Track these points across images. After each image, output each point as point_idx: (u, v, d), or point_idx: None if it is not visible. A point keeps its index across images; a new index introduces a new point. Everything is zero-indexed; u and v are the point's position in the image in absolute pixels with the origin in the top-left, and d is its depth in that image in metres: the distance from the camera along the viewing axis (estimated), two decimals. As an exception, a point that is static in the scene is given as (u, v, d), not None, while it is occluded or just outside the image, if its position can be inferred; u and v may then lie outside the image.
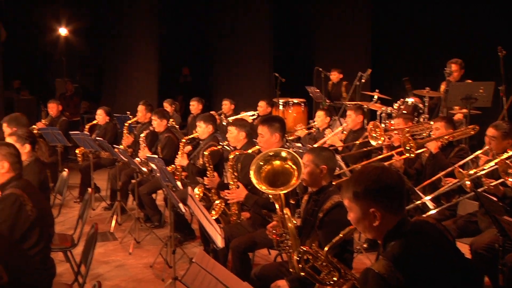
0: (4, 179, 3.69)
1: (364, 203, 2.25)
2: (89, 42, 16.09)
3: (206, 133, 6.17)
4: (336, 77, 10.45)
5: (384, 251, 2.25)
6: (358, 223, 2.31)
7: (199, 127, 6.20)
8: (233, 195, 4.62)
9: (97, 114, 8.32)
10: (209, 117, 6.26)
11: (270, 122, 4.59)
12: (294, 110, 10.91)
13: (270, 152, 3.60)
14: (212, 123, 6.18)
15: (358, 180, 2.28)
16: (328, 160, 3.58)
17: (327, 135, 7.01)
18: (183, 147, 6.35)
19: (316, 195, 3.59)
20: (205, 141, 6.17)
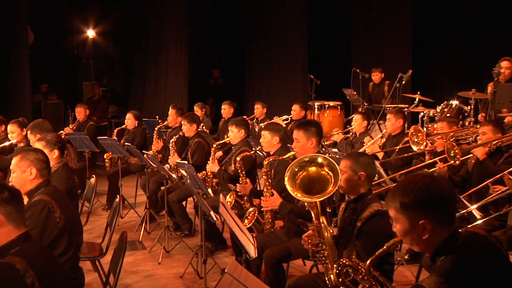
0: (33, 186, 3.76)
1: (413, 215, 2.22)
2: (117, 44, 16.37)
3: (238, 138, 6.21)
4: (378, 77, 10.31)
5: (432, 265, 2.22)
6: (405, 235, 2.28)
7: (231, 132, 6.25)
8: (266, 203, 4.64)
9: (126, 118, 8.46)
10: (241, 122, 6.30)
11: (306, 126, 4.60)
12: (330, 114, 10.86)
13: (305, 158, 3.60)
14: (244, 127, 6.22)
15: (407, 190, 2.24)
16: (366, 167, 3.57)
17: (366, 141, 6.96)
18: (214, 152, 6.41)
19: (354, 203, 3.58)
20: (237, 146, 6.20)
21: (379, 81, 10.30)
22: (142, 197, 8.07)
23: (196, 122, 7.01)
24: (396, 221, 2.29)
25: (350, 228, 3.52)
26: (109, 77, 16.95)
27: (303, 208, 4.28)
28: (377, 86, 10.37)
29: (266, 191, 4.68)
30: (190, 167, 5.23)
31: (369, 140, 6.97)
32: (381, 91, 10.32)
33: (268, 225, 4.76)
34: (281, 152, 5.16)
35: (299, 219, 4.45)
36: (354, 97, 10.42)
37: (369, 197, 3.54)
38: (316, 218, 3.47)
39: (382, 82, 10.31)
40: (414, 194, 2.21)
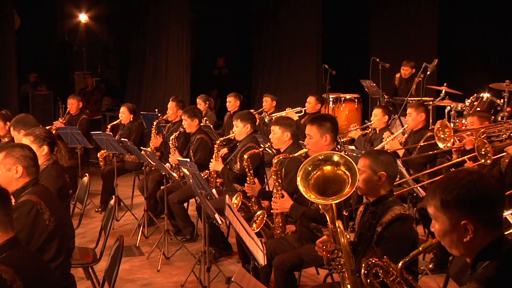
0: (19, 185, 3.76)
1: (454, 214, 2.20)
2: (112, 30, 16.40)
3: (243, 134, 6.22)
4: (408, 73, 10.20)
5: (473, 272, 2.20)
6: (444, 236, 2.25)
7: (235, 127, 6.25)
8: (276, 205, 4.63)
9: (120, 112, 8.46)
10: (247, 116, 6.30)
11: (320, 121, 4.59)
12: (346, 108, 10.85)
13: (320, 155, 3.58)
14: (250, 122, 6.21)
15: (449, 186, 2.21)
16: (387, 166, 3.55)
17: (385, 137, 6.94)
18: (217, 149, 6.41)
19: (374, 206, 3.57)
20: (243, 143, 6.21)
21: (408, 76, 10.21)
22: (139, 198, 8.08)
23: (197, 117, 7.01)
24: (435, 220, 2.27)
25: (369, 234, 3.51)
26: (103, 66, 17.01)
27: (317, 211, 4.27)
28: (405, 82, 10.26)
29: (276, 192, 4.67)
30: (193, 165, 5.24)
31: (389, 135, 6.94)
32: (409, 87, 10.17)
33: (279, 230, 4.75)
34: (293, 149, 5.15)
35: (312, 223, 4.44)
36: (373, 89, 10.40)
37: (390, 199, 3.53)
38: (331, 222, 3.45)
39: (411, 78, 10.20)
40: (457, 191, 2.18)
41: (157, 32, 13.83)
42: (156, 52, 13.90)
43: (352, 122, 9.44)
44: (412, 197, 5.76)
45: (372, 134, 7.60)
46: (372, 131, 7.74)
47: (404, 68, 10.19)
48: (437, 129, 5.93)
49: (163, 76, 13.84)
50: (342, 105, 10.85)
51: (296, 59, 13.73)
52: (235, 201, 5.25)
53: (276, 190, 4.67)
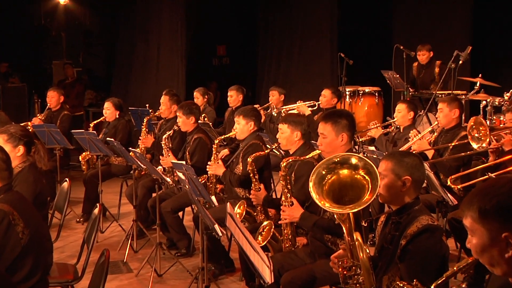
0: (-12, 192, 3.76)
1: (494, 225, 2.17)
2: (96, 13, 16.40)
3: (245, 132, 6.23)
4: (425, 57, 10.21)
5: None
6: (482, 252, 2.23)
7: (237, 124, 6.27)
8: (285, 214, 4.64)
9: (104, 108, 8.47)
10: (250, 112, 6.30)
11: (335, 118, 4.59)
12: (365, 102, 10.86)
13: (335, 158, 3.59)
14: (254, 119, 6.22)
15: (488, 193, 2.20)
16: (413, 169, 3.56)
17: (411, 136, 6.93)
18: (216, 150, 6.41)
19: (397, 216, 3.57)
20: (245, 142, 6.22)
21: (427, 62, 10.22)
22: (127, 207, 8.10)
23: (194, 114, 7.00)
24: (472, 233, 2.25)
25: (392, 248, 3.51)
26: (85, 54, 16.99)
27: (332, 221, 4.28)
28: (424, 68, 10.27)
29: (284, 199, 4.68)
30: (189, 169, 5.25)
31: (416, 134, 6.93)
32: (430, 74, 10.22)
33: (288, 243, 4.76)
34: (304, 151, 5.16)
35: (326, 235, 4.45)
36: (396, 81, 10.39)
37: (416, 208, 3.53)
38: (348, 234, 3.47)
39: (431, 63, 10.23)
40: (497, 199, 2.16)
41: (147, 15, 13.86)
42: (147, 38, 13.93)
43: (372, 119, 9.41)
44: (442, 206, 5.76)
45: (395, 133, 7.60)
46: (395, 130, 7.74)
47: (421, 52, 10.19)
48: (470, 127, 5.93)
49: (155, 66, 13.86)
50: (361, 99, 10.85)
51: (308, 46, 13.73)
52: (238, 211, 5.26)
53: (285, 197, 4.68)
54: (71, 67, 14.41)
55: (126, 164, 7.77)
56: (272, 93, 9.80)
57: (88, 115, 13.92)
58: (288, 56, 14.02)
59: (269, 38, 14.52)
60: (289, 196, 4.68)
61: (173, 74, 13.70)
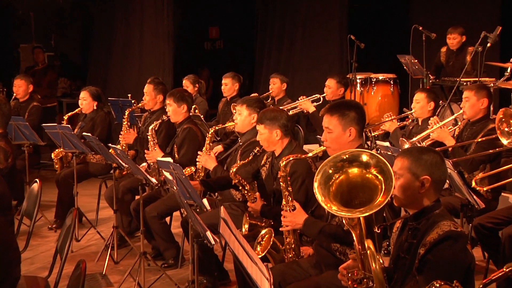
0: None
1: None
2: (71, -10, 16.36)
3: (247, 125, 6.18)
4: (456, 42, 10.08)
5: None
6: None
7: (238, 114, 6.20)
8: (287, 221, 4.65)
9: (80, 98, 8.45)
10: (255, 102, 6.22)
11: (342, 110, 4.58)
12: (379, 92, 10.85)
13: (343, 154, 3.58)
14: (259, 111, 6.14)
15: None
16: (433, 168, 3.55)
17: (431, 123, 6.88)
18: (210, 142, 6.40)
19: (415, 221, 3.57)
20: (245, 137, 6.19)
21: (458, 47, 10.11)
22: (106, 211, 8.11)
23: (186, 102, 6.99)
24: None
25: (409, 258, 3.52)
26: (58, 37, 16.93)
27: (340, 227, 4.28)
28: (455, 55, 10.13)
29: (285, 203, 4.69)
30: (177, 168, 5.24)
31: (436, 121, 6.88)
32: (461, 62, 10.05)
33: (291, 253, 4.76)
34: (293, 150, 5.27)
35: (334, 243, 4.45)
36: (414, 67, 10.38)
37: (437, 212, 3.53)
38: (359, 242, 3.47)
39: (462, 49, 10.12)
40: None
41: (129, -7, 13.85)
42: (128, 18, 13.89)
43: (386, 111, 9.39)
44: (467, 210, 5.75)
45: (413, 127, 7.59)
46: (412, 123, 7.73)
47: (451, 36, 10.06)
48: (499, 120, 5.92)
49: (137, 51, 13.82)
50: (374, 88, 10.84)
51: (313, 27, 13.69)
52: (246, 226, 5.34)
53: (286, 201, 4.68)
54: (42, 51, 14.34)
55: (105, 163, 7.78)
56: (273, 81, 9.76)
57: (62, 106, 13.88)
58: (290, 38, 13.98)
59: (269, 18, 14.49)
60: (290, 199, 4.68)
61: (158, 59, 13.66)
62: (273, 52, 14.24)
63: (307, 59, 13.60)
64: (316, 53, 13.53)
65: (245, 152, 6.00)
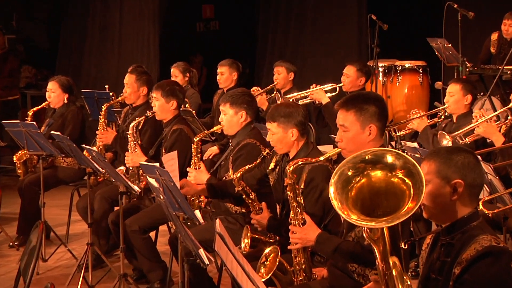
0: None
1: None
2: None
3: (235, 125, 6.16)
4: None
5: None
6: None
7: (223, 114, 6.18)
8: (296, 237, 4.63)
9: (48, 90, 8.43)
10: (240, 97, 6.19)
11: (360, 104, 4.56)
12: (405, 82, 10.85)
13: (365, 154, 3.57)
14: (246, 106, 6.12)
15: None
16: (465, 170, 3.53)
17: (475, 116, 6.83)
18: (197, 151, 6.37)
19: (448, 236, 3.56)
20: (236, 140, 6.18)
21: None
22: (79, 225, 8.12)
23: (177, 98, 6.95)
24: None
25: (442, 279, 3.51)
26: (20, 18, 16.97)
27: (359, 244, 4.27)
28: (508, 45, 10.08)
29: (293, 216, 4.67)
30: (164, 173, 5.25)
31: (481, 115, 6.84)
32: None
33: (301, 275, 4.76)
34: (308, 152, 5.24)
35: (352, 263, 4.45)
36: (448, 52, 10.39)
37: (474, 224, 3.51)
38: (382, 259, 3.47)
39: None
40: None
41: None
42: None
43: (414, 106, 9.40)
44: (511, 222, 5.76)
45: (446, 124, 7.58)
46: (445, 120, 7.72)
47: (508, 22, 10.04)
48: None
49: (117, 34, 13.83)
50: (399, 78, 10.84)
51: (327, 7, 13.72)
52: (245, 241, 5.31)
53: (294, 213, 4.66)
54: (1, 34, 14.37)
55: (78, 167, 7.78)
56: (277, 70, 9.73)
57: (25, 99, 13.90)
58: (299, 19, 13.99)
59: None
60: (299, 211, 4.67)
61: (142, 44, 13.67)
62: (278, 35, 14.24)
63: (319, 44, 13.61)
64: (330, 37, 13.54)
65: (238, 158, 5.99)
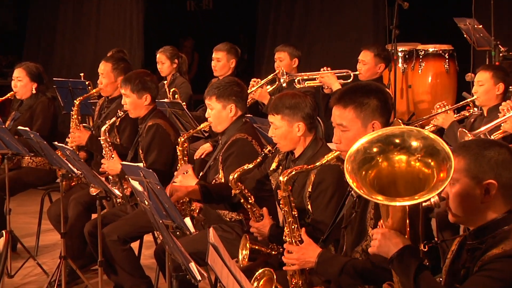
0: None
1: None
2: None
3: (224, 121, 6.18)
4: None
5: None
6: None
7: (209, 109, 6.16)
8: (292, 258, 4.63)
9: (13, 79, 8.46)
10: (228, 87, 6.18)
11: (359, 99, 4.50)
12: (429, 70, 10.87)
13: (395, 132, 3.56)
14: (234, 98, 6.13)
15: None
16: (499, 168, 3.52)
17: (504, 111, 6.85)
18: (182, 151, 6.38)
19: (476, 240, 3.58)
20: (226, 137, 6.18)
21: None
22: (51, 235, 8.14)
23: (149, 91, 6.92)
24: None
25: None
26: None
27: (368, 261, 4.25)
28: None
29: (289, 233, 4.66)
30: (150, 175, 5.25)
31: (509, 108, 6.83)
32: None
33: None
34: (316, 149, 5.29)
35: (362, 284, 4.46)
36: (478, 34, 10.41)
37: (507, 228, 3.50)
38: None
39: None
40: None
41: None
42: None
43: (439, 97, 9.44)
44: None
45: (476, 119, 7.59)
46: (475, 114, 7.72)
47: None
48: None
49: (94, 14, 13.87)
50: (421, 65, 10.86)
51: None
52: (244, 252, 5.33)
53: (289, 230, 4.65)
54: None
55: (49, 168, 7.80)
56: (279, 56, 9.73)
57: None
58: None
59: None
60: (295, 228, 4.66)
61: (124, 25, 13.69)
62: (282, 16, 14.27)
63: (329, 25, 13.63)
64: (342, 17, 13.58)
65: (229, 157, 6.00)
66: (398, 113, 10.44)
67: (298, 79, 9.10)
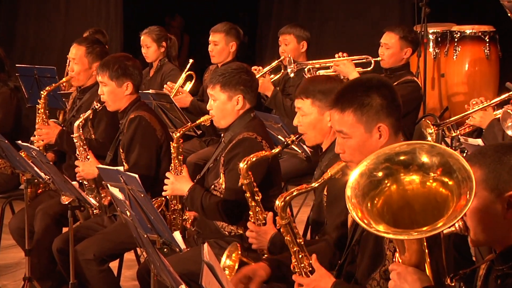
0: None
1: None
2: None
3: (229, 115, 6.20)
4: None
5: None
6: None
7: (212, 100, 6.17)
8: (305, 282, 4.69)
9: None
10: (235, 75, 6.20)
11: (358, 98, 4.38)
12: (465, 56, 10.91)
13: (397, 147, 3.60)
14: (242, 88, 6.18)
15: None
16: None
17: None
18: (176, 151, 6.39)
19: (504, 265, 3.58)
20: (230, 134, 6.21)
21: None
22: (13, 253, 8.19)
23: (130, 77, 6.93)
24: None
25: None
26: None
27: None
28: None
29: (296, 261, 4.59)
30: (132, 180, 5.28)
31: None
32: None
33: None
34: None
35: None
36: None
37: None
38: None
39: None
40: None
41: None
42: None
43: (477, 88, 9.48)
44: None
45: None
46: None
47: None
48: None
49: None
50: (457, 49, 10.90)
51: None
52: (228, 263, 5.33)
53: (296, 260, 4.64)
54: None
55: (12, 172, 7.84)
56: (284, 39, 9.70)
57: None
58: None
59: None
60: (303, 257, 4.62)
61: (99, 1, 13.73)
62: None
63: (344, 2, 13.67)
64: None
65: (233, 159, 5.96)
66: (428, 108, 10.48)
67: (309, 67, 9.02)
